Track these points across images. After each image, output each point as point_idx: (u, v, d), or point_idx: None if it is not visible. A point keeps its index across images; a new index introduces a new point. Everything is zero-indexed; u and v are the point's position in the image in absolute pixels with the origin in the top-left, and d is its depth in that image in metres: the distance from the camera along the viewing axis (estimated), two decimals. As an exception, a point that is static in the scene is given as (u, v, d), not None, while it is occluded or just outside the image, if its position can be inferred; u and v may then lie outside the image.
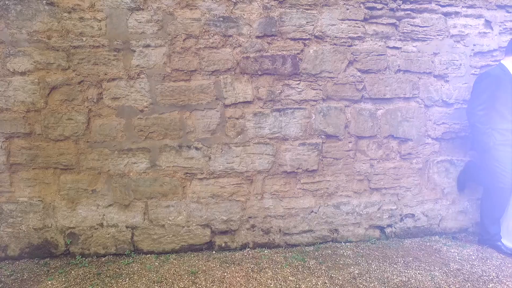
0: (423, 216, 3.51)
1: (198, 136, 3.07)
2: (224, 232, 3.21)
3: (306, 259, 3.02)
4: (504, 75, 3.03)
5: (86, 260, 3.01)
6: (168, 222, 3.12)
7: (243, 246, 3.25)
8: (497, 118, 3.05)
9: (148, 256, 3.11)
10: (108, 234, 3.07)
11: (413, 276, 2.75)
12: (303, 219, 3.30)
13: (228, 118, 3.09)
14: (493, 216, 3.21)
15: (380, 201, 3.41)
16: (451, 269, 2.86)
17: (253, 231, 3.25)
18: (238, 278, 2.72)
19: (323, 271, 2.82)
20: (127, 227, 3.09)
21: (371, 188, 3.38)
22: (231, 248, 3.24)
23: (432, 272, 2.80)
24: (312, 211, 3.31)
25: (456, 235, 3.55)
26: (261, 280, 2.70)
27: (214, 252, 3.20)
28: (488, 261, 3.01)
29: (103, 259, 3.05)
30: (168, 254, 3.13)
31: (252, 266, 2.91)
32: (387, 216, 3.44)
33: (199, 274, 2.77)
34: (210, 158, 3.10)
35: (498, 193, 3.09)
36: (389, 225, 3.47)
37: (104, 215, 3.05)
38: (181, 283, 2.65)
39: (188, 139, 3.06)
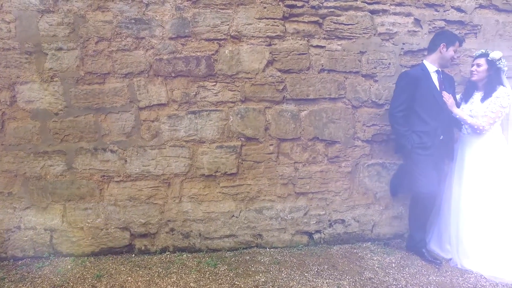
0: (354, 222, 3.37)
1: (113, 139, 3.06)
2: (143, 235, 3.19)
3: (218, 265, 2.96)
4: (423, 75, 2.87)
5: (1, 264, 3.05)
6: (87, 224, 3.12)
7: (163, 250, 3.21)
8: (415, 120, 2.89)
9: (66, 259, 3.12)
10: (26, 237, 3.10)
11: (320, 285, 2.63)
12: (224, 223, 3.23)
13: (143, 120, 3.07)
14: (418, 222, 3.04)
15: (307, 206, 3.30)
16: (363, 278, 2.72)
17: (173, 234, 3.21)
18: (139, 283, 2.69)
19: (229, 278, 2.75)
20: (45, 229, 3.12)
21: (297, 192, 3.27)
22: (151, 251, 3.21)
23: (340, 281, 2.68)
24: (233, 216, 3.23)
25: (390, 241, 3.39)
26: (162, 285, 2.66)
27: (133, 255, 3.18)
28: (407, 269, 2.86)
29: (20, 262, 3.07)
30: (87, 257, 3.14)
31: (161, 270, 2.87)
32: (314, 222, 3.32)
33: (104, 278, 2.76)
34: (126, 161, 3.08)
35: (420, 198, 2.92)
36: (318, 231, 3.34)
37: (21, 217, 3.08)
38: (80, 287, 2.65)
39: (103, 141, 3.06)
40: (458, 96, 3.12)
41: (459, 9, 3.27)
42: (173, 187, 3.15)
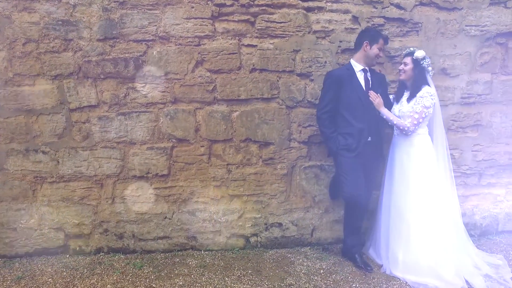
0: (293, 226, 3.27)
1: (45, 140, 3.08)
2: (78, 236, 3.19)
3: (145, 267, 2.93)
4: (348, 75, 2.76)
5: None
6: (20, 225, 3.15)
7: (98, 251, 3.21)
8: (341, 121, 2.78)
9: None
10: (-39, 236, 3.17)
11: (235, 290, 2.58)
12: (157, 225, 3.20)
13: (75, 122, 3.07)
14: (349, 227, 2.93)
15: (241, 208, 3.23)
16: (283, 284, 2.64)
17: (107, 235, 3.20)
18: (57, 285, 2.70)
19: (148, 280, 2.73)
20: (-20, 229, 3.18)
21: (230, 194, 3.21)
22: (86, 252, 3.21)
23: (258, 287, 2.61)
24: (166, 217, 3.20)
25: (330, 246, 3.28)
26: (80, 286, 2.66)
27: (68, 256, 3.20)
28: (334, 275, 2.75)
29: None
30: (20, 258, 3.16)
31: (85, 271, 2.87)
32: (250, 225, 3.24)
33: (24, 279, 2.77)
34: (58, 162, 3.10)
35: (348, 203, 2.81)
36: (254, 234, 3.27)
37: (-43, 217, 3.16)
38: (-2, 288, 2.68)
39: (35, 143, 3.08)
40: (392, 96, 3.01)
41: (398, 6, 3.13)
42: (106, 188, 3.15)
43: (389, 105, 2.92)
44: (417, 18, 3.18)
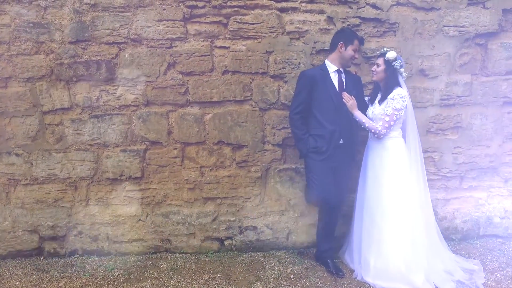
0: (267, 229, 3.24)
1: (18, 143, 3.08)
2: (52, 238, 3.19)
3: (116, 269, 2.93)
4: (321, 75, 2.71)
5: None
6: (-5, 227, 3.18)
7: (72, 253, 3.21)
8: (313, 123, 2.73)
9: (-28, 262, 3.18)
10: None
11: (201, 294, 2.56)
12: (131, 227, 3.19)
13: (48, 124, 3.07)
14: (321, 231, 2.90)
15: (215, 211, 3.21)
16: (249, 289, 2.62)
17: (81, 237, 3.20)
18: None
19: (116, 283, 2.72)
20: (-45, 231, 3.20)
21: (204, 197, 3.19)
22: (60, 254, 3.21)
23: (223, 292, 2.59)
24: (140, 220, 3.19)
25: (306, 250, 3.24)
26: (44, 290, 2.67)
27: (42, 258, 3.20)
28: (303, 281, 2.72)
29: None
30: (-7, 260, 3.19)
31: (56, 274, 2.87)
32: (224, 228, 3.22)
33: (-6, 282, 2.80)
34: (32, 164, 3.10)
35: (320, 207, 2.77)
36: (229, 238, 3.24)
37: None
38: (-38, 292, 2.69)
39: (8, 145, 3.08)
40: (367, 98, 2.96)
41: (374, 6, 3.08)
42: (80, 190, 3.15)
43: (364, 107, 2.87)
44: (394, 18, 3.12)
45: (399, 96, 2.58)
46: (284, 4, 3.04)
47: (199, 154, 3.15)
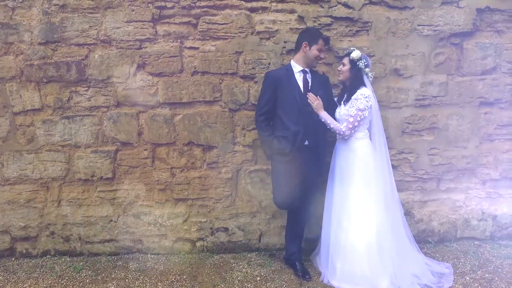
0: (239, 231, 3.22)
1: (-11, 144, 3.12)
2: (24, 239, 3.21)
3: (84, 270, 2.94)
4: (286, 76, 2.68)
5: None
6: (-32, 227, 3.20)
7: (45, 253, 3.22)
8: (278, 124, 2.70)
9: None
10: None
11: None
12: (103, 227, 3.19)
13: (19, 125, 3.08)
14: (288, 234, 2.87)
15: (186, 212, 3.20)
16: (211, 292, 2.60)
17: (53, 238, 3.21)
18: (-11, 288, 2.73)
19: (82, 284, 2.73)
20: None
21: (175, 198, 3.18)
22: (33, 255, 3.23)
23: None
24: (111, 220, 3.19)
25: (278, 252, 3.21)
26: (11, 290, 2.69)
27: (14, 259, 3.21)
28: (268, 283, 2.69)
29: None
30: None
31: (23, 275, 2.89)
32: (195, 229, 3.21)
33: (-41, 282, 2.81)
34: (3, 165, 3.11)
35: (284, 209, 2.74)
36: (200, 239, 3.23)
37: None
38: None
39: (-20, 146, 3.12)
40: (337, 98, 2.92)
41: (346, 5, 3.03)
42: (52, 190, 3.16)
43: (333, 108, 2.83)
44: (366, 17, 3.08)
45: (363, 96, 2.54)
46: (254, 4, 3.01)
47: (169, 155, 3.14)
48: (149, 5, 2.98)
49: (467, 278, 2.72)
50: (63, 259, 3.15)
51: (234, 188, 3.20)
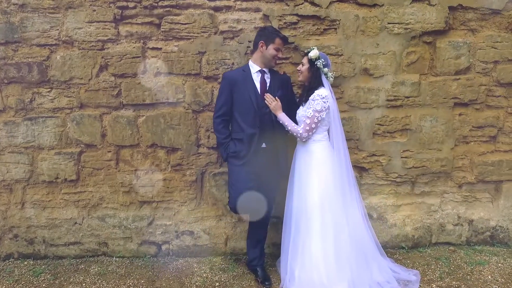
0: (204, 234, 3.16)
1: (-47, 145, 3.11)
2: (-11, 241, 3.22)
3: (43, 274, 2.90)
4: (242, 76, 2.60)
5: None
6: None
7: (8, 257, 3.19)
8: (234, 126, 2.63)
9: None
10: None
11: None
12: (68, 230, 3.16)
13: (-18, 127, 3.08)
14: (249, 239, 2.80)
15: (151, 215, 3.15)
16: (167, 297, 2.55)
17: (17, 241, 3.18)
18: None
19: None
20: None
21: (140, 201, 3.14)
22: (-4, 258, 3.23)
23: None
24: (76, 223, 3.16)
25: (245, 256, 3.12)
26: (-32, 294, 2.66)
27: (-23, 261, 3.21)
28: (226, 289, 2.63)
29: None
30: None
31: (-16, 278, 2.88)
32: (160, 232, 3.16)
33: None
34: (-33, 166, 3.12)
35: (249, 215, 2.65)
36: (166, 242, 3.18)
37: None
38: None
39: None
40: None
41: (313, 3, 2.94)
42: (16, 193, 3.14)
43: (295, 109, 2.74)
44: (334, 15, 2.99)
45: (320, 97, 2.45)
46: (218, 3, 2.95)
47: (133, 157, 3.09)
48: (110, 5, 2.93)
49: (433, 286, 2.62)
50: (26, 263, 3.13)
51: (199, 190, 3.14)
